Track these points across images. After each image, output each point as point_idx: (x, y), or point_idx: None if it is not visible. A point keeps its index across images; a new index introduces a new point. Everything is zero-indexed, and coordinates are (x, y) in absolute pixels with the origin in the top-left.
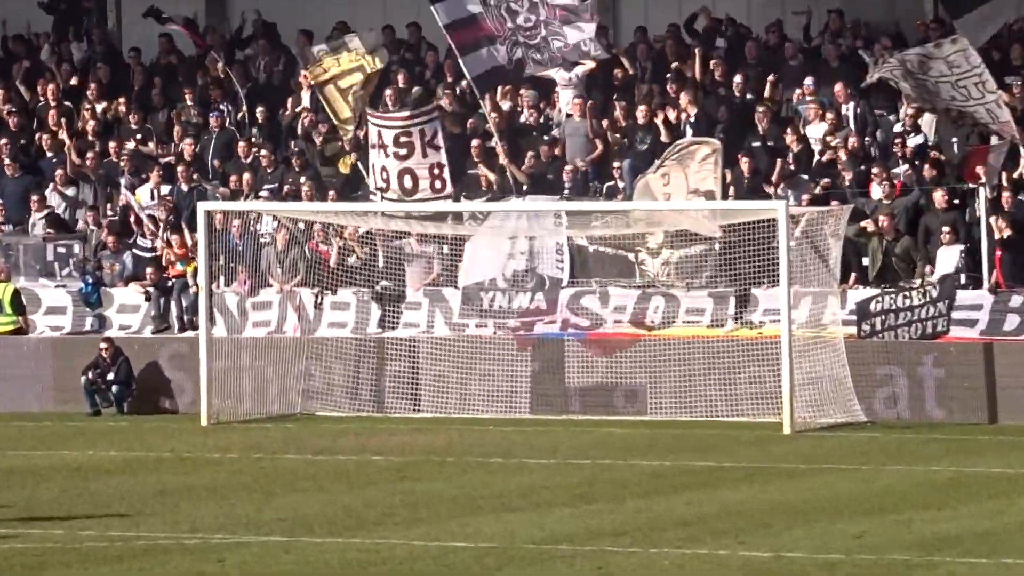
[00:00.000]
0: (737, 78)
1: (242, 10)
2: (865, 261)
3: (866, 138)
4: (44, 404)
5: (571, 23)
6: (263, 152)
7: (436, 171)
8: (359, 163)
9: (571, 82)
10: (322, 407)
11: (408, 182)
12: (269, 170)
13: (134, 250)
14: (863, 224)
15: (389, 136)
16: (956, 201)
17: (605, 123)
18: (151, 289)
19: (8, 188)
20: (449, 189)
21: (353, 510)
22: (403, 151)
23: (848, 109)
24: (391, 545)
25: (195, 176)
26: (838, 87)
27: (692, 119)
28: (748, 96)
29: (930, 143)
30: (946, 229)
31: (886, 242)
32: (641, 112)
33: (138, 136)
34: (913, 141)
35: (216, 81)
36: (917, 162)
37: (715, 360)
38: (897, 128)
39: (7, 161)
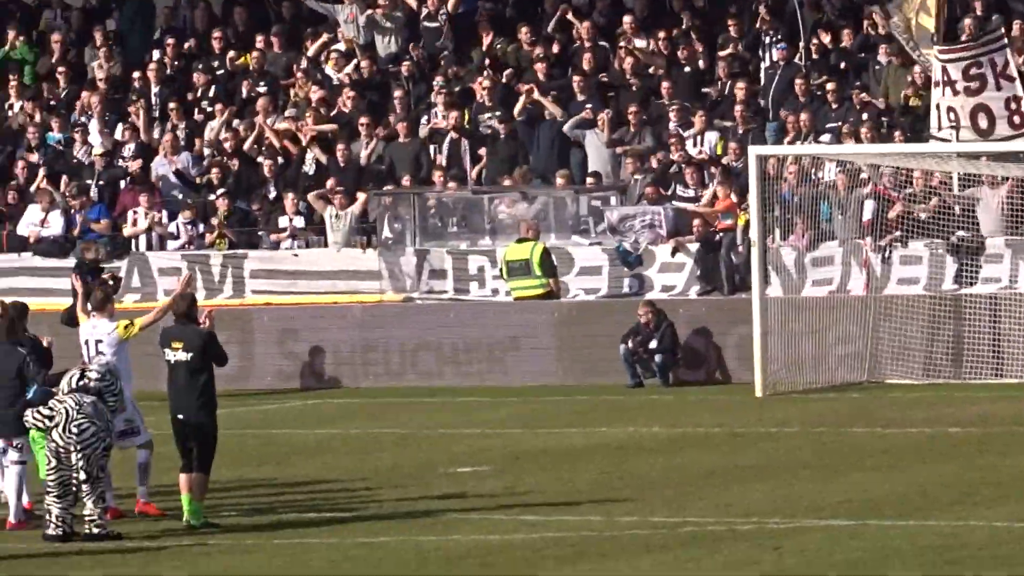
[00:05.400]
0: None
1: None
2: None
3: None
4: (568, 377)
5: None
6: (828, 87)
7: (1013, 105)
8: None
9: None
10: (892, 374)
11: (983, 121)
12: (834, 106)
13: (675, 202)
14: None
15: (957, 70)
16: None
17: None
18: (697, 246)
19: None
20: None
21: (927, 489)
22: (974, 84)
23: None
24: (970, 528)
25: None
26: None
27: None
28: None
29: None
30: None
31: None
32: None
33: None
34: None
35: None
36: None
37: None
38: None
39: None
